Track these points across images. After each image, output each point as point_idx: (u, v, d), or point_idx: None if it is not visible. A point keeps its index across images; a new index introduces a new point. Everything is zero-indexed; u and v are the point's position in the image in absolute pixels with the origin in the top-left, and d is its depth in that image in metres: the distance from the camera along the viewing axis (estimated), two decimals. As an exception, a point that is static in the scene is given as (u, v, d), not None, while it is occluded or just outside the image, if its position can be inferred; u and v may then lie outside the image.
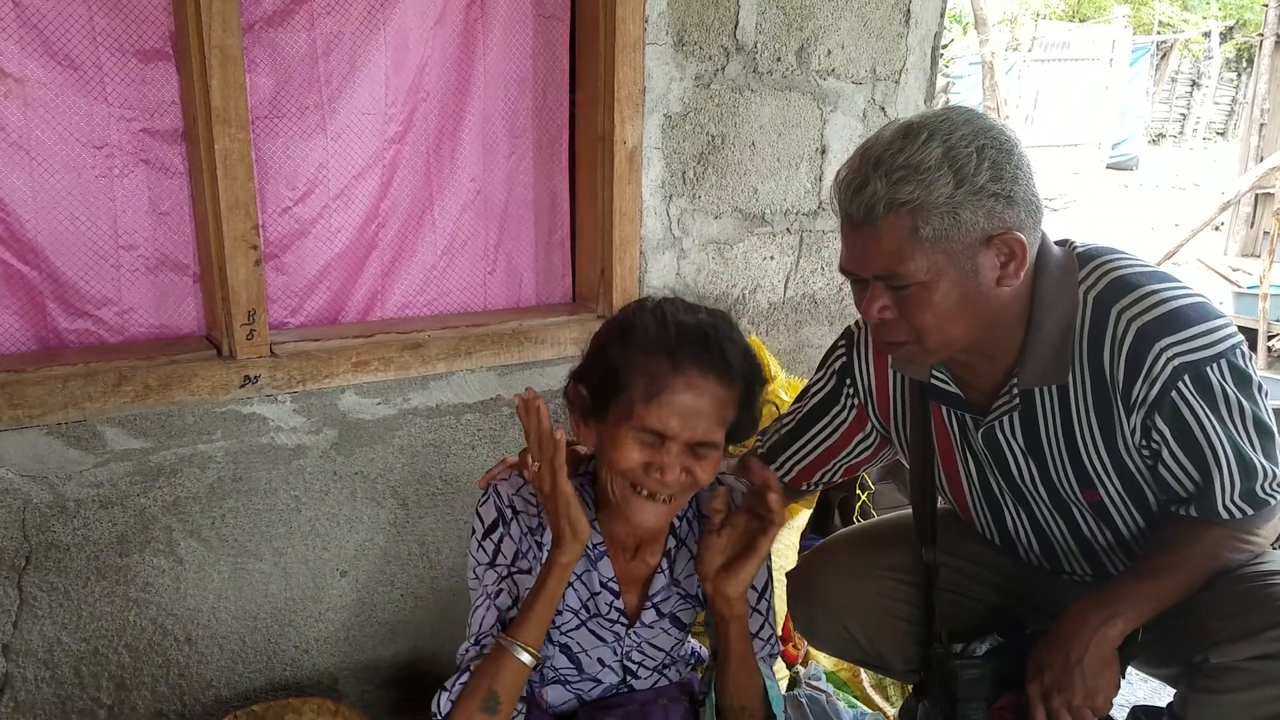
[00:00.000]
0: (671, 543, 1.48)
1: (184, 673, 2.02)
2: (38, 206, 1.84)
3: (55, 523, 1.83)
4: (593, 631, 1.47)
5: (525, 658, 1.30)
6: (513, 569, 1.39)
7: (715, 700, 1.44)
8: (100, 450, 1.84)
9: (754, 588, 1.47)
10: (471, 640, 1.37)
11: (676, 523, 1.48)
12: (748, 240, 2.50)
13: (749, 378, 1.35)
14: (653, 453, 1.29)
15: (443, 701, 1.32)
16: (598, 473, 1.40)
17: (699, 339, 1.30)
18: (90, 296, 1.93)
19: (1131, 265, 1.43)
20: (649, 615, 1.48)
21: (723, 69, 2.34)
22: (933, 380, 1.56)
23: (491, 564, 1.40)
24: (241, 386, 1.93)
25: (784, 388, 2.36)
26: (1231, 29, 19.29)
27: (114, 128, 1.88)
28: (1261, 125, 8.97)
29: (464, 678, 1.32)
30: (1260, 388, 1.39)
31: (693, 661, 1.62)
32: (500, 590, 1.37)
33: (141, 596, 1.94)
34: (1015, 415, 1.50)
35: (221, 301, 1.91)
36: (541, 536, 1.40)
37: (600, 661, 1.48)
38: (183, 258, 2.00)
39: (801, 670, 2.24)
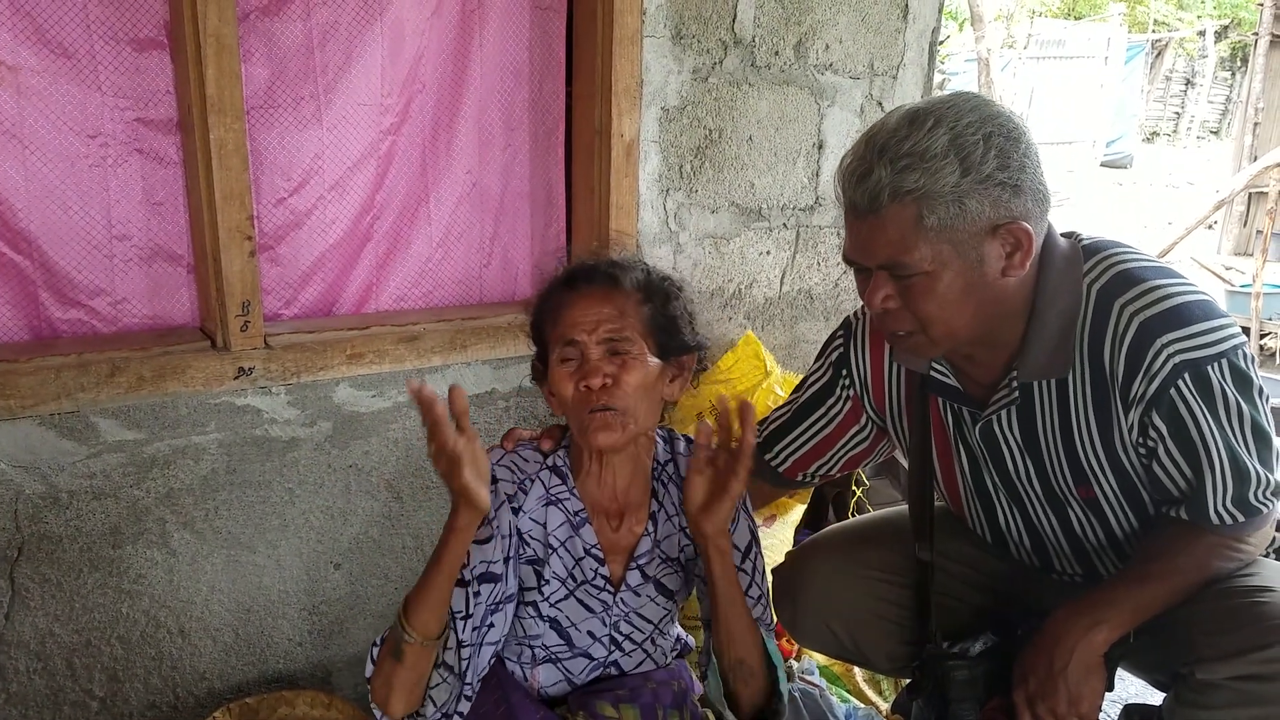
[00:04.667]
0: (654, 506, 1.50)
1: (177, 665, 2.02)
2: (31, 196, 1.83)
3: (48, 514, 1.82)
4: (580, 601, 1.47)
5: (408, 636, 1.29)
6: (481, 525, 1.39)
7: (717, 661, 1.44)
8: (93, 441, 1.84)
9: (737, 548, 1.48)
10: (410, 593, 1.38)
11: (657, 487, 1.50)
12: (744, 235, 2.50)
13: (647, 285, 1.42)
14: (577, 370, 1.37)
15: (369, 659, 1.36)
16: (572, 437, 1.45)
17: (590, 265, 1.45)
18: (83, 286, 1.92)
19: (1137, 260, 1.42)
20: (634, 577, 1.48)
21: (720, 62, 2.33)
22: (932, 373, 1.55)
23: None
24: (236, 378, 1.92)
25: (780, 383, 2.36)
26: (1226, 28, 19.33)
27: (108, 117, 1.87)
28: (1255, 124, 9.01)
29: (385, 633, 1.35)
30: (1261, 391, 1.37)
31: (679, 649, 1.63)
32: None
33: (134, 588, 1.94)
34: (1013, 409, 1.49)
35: (216, 293, 1.90)
36: (519, 503, 1.43)
37: (590, 634, 1.49)
38: (177, 248, 1.99)
39: (795, 665, 2.25)
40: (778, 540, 2.27)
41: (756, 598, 1.48)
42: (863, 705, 2.14)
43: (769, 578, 1.86)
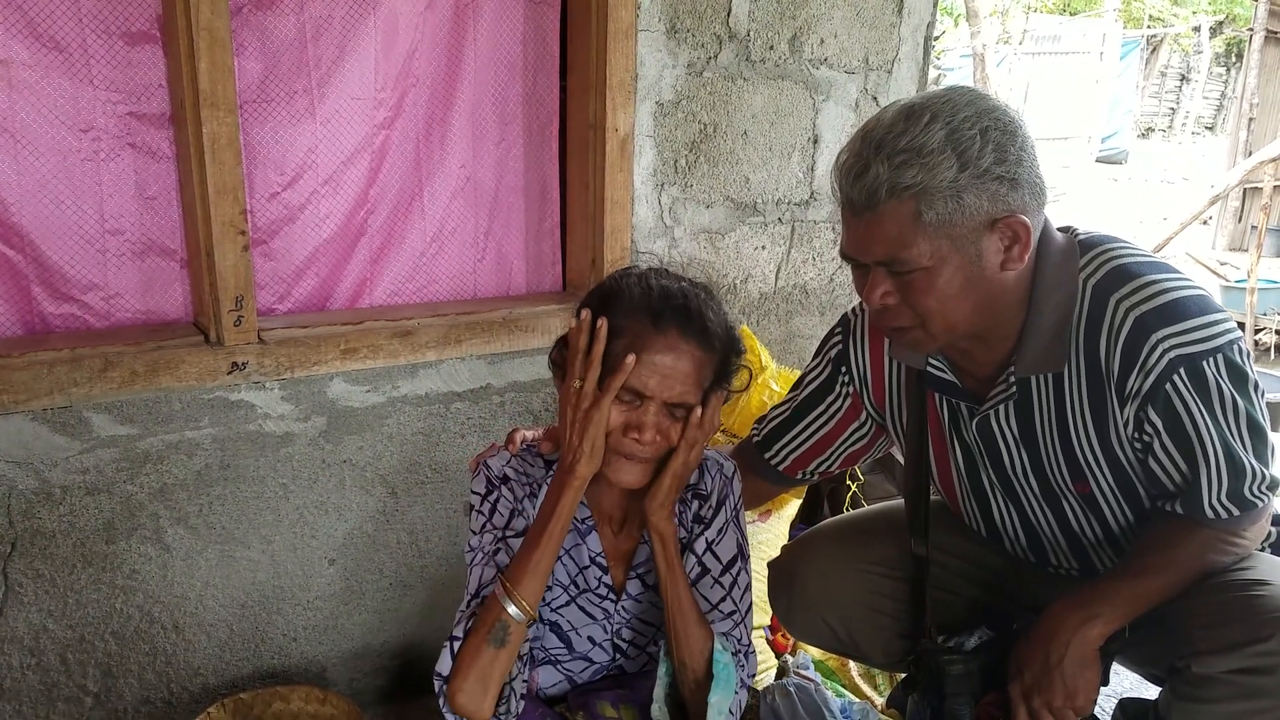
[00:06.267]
0: None
1: (171, 660, 2.01)
2: (23, 190, 1.82)
3: (41, 509, 1.82)
4: (582, 608, 1.47)
5: (514, 611, 1.27)
6: (507, 531, 1.38)
7: (671, 663, 1.41)
8: (86, 436, 1.83)
9: (719, 559, 1.46)
10: (470, 594, 1.34)
11: None
12: (739, 230, 2.49)
13: (727, 346, 1.37)
14: (630, 413, 1.32)
15: (444, 657, 1.29)
16: None
17: (681, 303, 1.33)
18: (76, 281, 1.91)
19: (1133, 254, 1.42)
20: (634, 586, 1.48)
21: (715, 57, 2.33)
22: (929, 368, 1.55)
23: (488, 525, 1.39)
24: (229, 373, 1.91)
25: (775, 378, 2.36)
26: (1221, 23, 19.35)
27: (100, 111, 1.86)
28: (1250, 120, 9.01)
29: (466, 624, 1.30)
30: (1256, 386, 1.37)
31: None
32: (498, 549, 1.36)
33: (128, 584, 1.93)
34: (1011, 404, 1.49)
35: (209, 287, 1.90)
36: (533, 505, 1.41)
37: (591, 640, 1.48)
38: (170, 243, 1.98)
39: (790, 659, 2.25)
40: (773, 535, 2.27)
41: (728, 613, 1.43)
42: (858, 700, 2.14)
43: (763, 585, 1.86)
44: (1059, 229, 1.46)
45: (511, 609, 1.27)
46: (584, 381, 1.30)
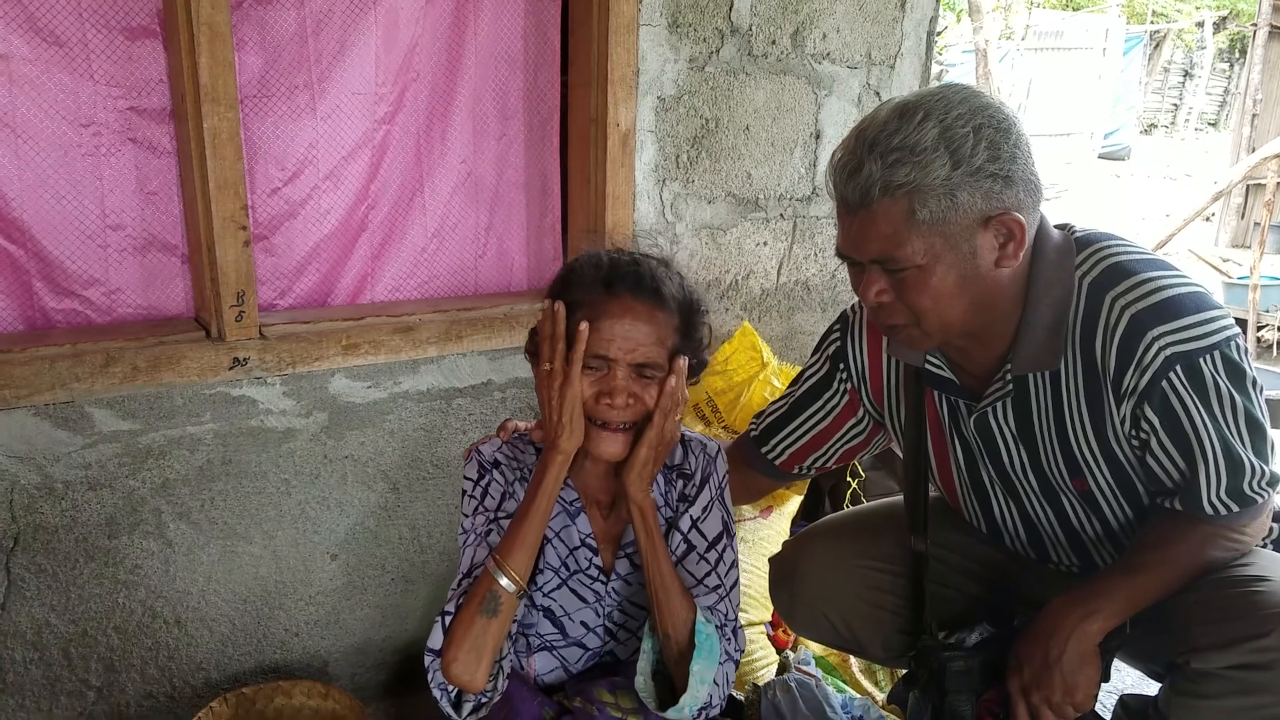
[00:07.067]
0: None
1: (173, 655, 2.02)
2: (24, 185, 1.82)
3: (43, 504, 1.82)
4: (573, 591, 1.48)
5: (506, 583, 1.31)
6: (498, 513, 1.42)
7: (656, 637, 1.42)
8: (88, 431, 1.83)
9: (705, 536, 1.47)
10: (462, 573, 1.38)
11: None
12: (741, 226, 2.49)
13: (686, 306, 1.41)
14: (601, 381, 1.35)
15: (436, 632, 1.32)
16: None
17: (632, 269, 1.38)
18: (77, 276, 1.91)
19: (1129, 252, 1.41)
20: (623, 566, 1.49)
21: (717, 51, 2.32)
22: (927, 365, 1.55)
23: (480, 507, 1.43)
24: (230, 368, 1.92)
25: (776, 374, 2.36)
26: (1225, 19, 19.30)
27: (101, 106, 1.86)
28: (1254, 116, 8.98)
29: (458, 600, 1.33)
30: (1255, 383, 1.36)
31: None
32: (490, 530, 1.40)
33: (130, 579, 1.94)
34: (1008, 401, 1.49)
35: (210, 282, 1.90)
36: (524, 488, 1.43)
37: (584, 625, 1.50)
38: (171, 238, 1.98)
39: (791, 655, 2.25)
40: (774, 532, 2.27)
41: (713, 587, 1.45)
42: (859, 695, 2.14)
43: (748, 574, 1.86)
44: (1056, 226, 1.46)
45: (503, 580, 1.31)
46: (552, 362, 1.34)
